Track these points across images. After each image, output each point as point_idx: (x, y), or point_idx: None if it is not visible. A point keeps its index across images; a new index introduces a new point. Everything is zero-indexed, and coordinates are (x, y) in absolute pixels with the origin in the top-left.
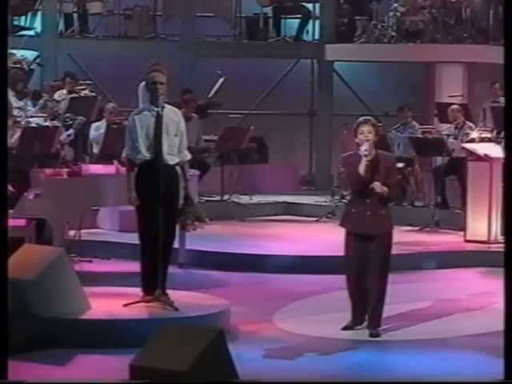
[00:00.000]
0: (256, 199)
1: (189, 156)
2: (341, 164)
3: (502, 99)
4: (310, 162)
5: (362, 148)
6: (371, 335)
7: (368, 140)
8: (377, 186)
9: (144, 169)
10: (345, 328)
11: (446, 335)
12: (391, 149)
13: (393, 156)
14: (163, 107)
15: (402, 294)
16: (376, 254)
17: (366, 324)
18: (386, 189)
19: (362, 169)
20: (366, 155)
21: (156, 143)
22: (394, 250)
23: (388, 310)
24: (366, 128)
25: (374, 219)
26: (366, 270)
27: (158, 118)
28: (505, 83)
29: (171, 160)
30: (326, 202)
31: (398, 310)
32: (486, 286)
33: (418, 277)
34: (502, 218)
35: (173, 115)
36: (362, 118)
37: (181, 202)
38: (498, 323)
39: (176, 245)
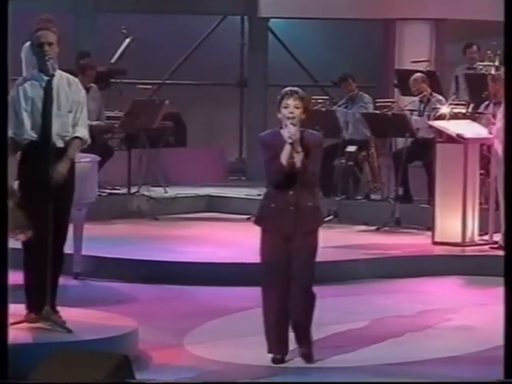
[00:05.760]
0: (172, 192)
1: (87, 137)
2: (259, 145)
3: (479, 65)
4: (239, 145)
5: (286, 132)
6: (302, 355)
7: (293, 117)
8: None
9: (29, 152)
10: (277, 361)
11: (401, 360)
12: (340, 128)
13: (320, 135)
14: (53, 75)
15: (354, 309)
16: (300, 256)
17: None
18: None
19: (284, 157)
20: (290, 143)
21: (44, 121)
22: (345, 255)
23: (335, 330)
24: (291, 101)
25: (298, 214)
26: (289, 280)
27: (48, 90)
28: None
29: (63, 142)
30: (259, 195)
31: (346, 329)
32: (459, 298)
33: (373, 288)
34: (479, 214)
35: (66, 85)
36: (287, 89)
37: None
38: (470, 344)
39: (70, 250)
